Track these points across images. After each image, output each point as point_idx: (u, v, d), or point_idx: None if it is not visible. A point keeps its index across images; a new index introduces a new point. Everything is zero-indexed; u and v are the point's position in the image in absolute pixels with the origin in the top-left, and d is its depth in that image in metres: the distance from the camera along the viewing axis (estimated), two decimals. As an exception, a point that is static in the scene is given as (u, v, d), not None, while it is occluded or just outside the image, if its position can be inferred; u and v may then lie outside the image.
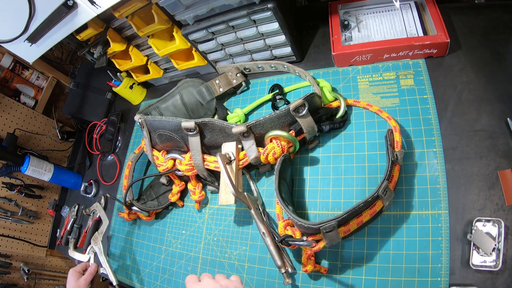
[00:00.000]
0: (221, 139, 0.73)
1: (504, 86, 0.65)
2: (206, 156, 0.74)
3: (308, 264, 0.62)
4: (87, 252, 0.93)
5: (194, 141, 0.73)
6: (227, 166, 0.68)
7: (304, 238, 0.58)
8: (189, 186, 0.83)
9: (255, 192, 0.77)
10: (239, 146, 0.72)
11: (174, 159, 0.79)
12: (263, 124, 0.67)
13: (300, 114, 0.65)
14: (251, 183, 0.78)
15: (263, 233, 0.67)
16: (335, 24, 0.80)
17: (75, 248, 1.03)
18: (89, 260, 0.91)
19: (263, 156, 0.68)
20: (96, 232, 0.96)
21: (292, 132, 0.67)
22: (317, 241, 0.58)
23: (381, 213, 0.61)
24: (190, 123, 0.70)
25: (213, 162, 0.73)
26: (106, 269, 0.88)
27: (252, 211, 0.68)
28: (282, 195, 0.62)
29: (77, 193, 1.19)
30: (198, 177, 0.83)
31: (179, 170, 0.79)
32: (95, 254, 0.91)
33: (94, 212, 1.04)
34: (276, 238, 0.61)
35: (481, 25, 0.72)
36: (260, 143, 0.70)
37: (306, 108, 0.64)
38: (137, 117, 0.80)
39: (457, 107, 0.66)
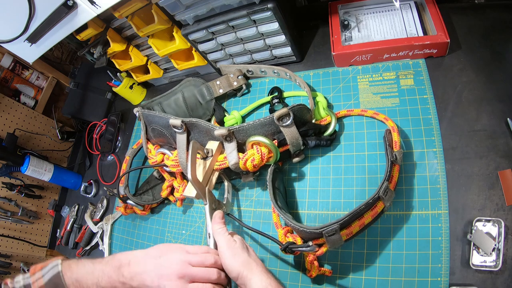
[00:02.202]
0: (206, 140, 0.73)
1: (504, 86, 0.65)
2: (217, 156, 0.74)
3: (312, 269, 0.61)
4: (97, 226, 1.01)
5: (181, 139, 0.74)
6: (201, 160, 0.68)
7: (310, 243, 0.57)
8: (175, 183, 0.84)
9: (225, 200, 0.73)
10: (223, 149, 0.71)
11: (164, 154, 0.81)
12: (246, 130, 0.65)
13: (284, 124, 0.63)
14: (225, 191, 0.74)
15: (209, 234, 0.59)
16: (335, 24, 0.80)
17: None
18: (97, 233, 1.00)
19: (241, 162, 0.66)
20: (110, 214, 1.02)
21: (275, 142, 0.65)
22: (320, 246, 0.57)
23: (382, 214, 0.61)
24: (177, 121, 0.71)
25: (223, 160, 0.73)
26: (105, 250, 0.96)
27: (206, 207, 0.63)
28: (278, 204, 0.62)
29: (77, 193, 1.19)
30: (183, 175, 0.84)
31: (167, 166, 0.80)
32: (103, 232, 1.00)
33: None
34: (280, 246, 0.60)
35: (481, 25, 0.72)
36: (243, 151, 0.69)
37: (291, 118, 0.62)
38: (135, 110, 0.83)
39: (457, 107, 0.66)
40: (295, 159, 0.72)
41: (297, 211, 0.71)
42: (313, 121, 0.71)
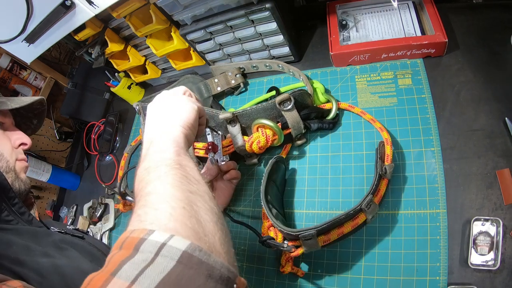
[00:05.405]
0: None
1: (502, 86, 0.65)
2: (195, 143, 0.76)
3: (286, 265, 0.63)
4: (96, 226, 1.01)
5: None
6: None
7: (286, 242, 0.59)
8: None
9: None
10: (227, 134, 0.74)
11: None
12: (249, 114, 0.68)
13: (285, 108, 0.66)
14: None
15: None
16: (333, 24, 0.80)
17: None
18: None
19: (247, 144, 0.69)
20: (108, 214, 1.01)
21: (279, 125, 0.68)
22: (297, 247, 0.58)
23: (364, 225, 0.60)
24: None
25: (202, 148, 0.76)
26: None
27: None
28: (267, 198, 0.62)
29: (76, 194, 1.18)
30: None
31: None
32: None
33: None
34: (259, 238, 0.61)
35: (479, 25, 0.72)
36: (247, 135, 0.72)
37: (292, 102, 0.65)
38: (135, 104, 0.84)
39: (455, 106, 0.66)
40: (298, 142, 0.74)
41: (296, 210, 0.71)
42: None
